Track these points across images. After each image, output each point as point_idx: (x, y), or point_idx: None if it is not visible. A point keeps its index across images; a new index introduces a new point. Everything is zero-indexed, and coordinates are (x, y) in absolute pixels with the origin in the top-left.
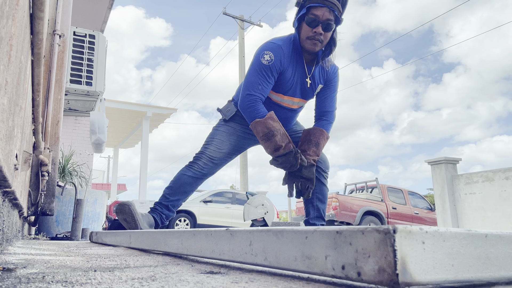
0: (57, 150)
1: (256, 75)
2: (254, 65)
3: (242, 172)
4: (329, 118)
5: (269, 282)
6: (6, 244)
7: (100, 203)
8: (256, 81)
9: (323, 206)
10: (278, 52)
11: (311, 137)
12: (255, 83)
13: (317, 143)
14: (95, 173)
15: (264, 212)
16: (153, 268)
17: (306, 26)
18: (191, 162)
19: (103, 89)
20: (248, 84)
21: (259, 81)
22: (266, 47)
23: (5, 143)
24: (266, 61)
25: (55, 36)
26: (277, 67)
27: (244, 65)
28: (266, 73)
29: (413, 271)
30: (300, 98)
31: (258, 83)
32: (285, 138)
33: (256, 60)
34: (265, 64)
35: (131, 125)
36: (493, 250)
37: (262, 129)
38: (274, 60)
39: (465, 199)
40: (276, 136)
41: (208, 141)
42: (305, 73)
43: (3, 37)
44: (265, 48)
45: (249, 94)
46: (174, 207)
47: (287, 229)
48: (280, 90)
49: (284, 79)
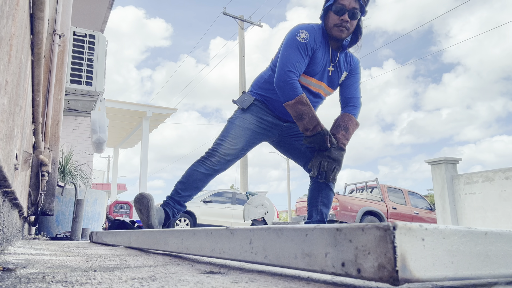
0: (57, 150)
1: (293, 52)
2: (290, 43)
3: (242, 172)
4: (356, 103)
5: (269, 282)
6: (6, 244)
7: (100, 203)
8: (294, 58)
9: (327, 211)
10: (312, 32)
11: (340, 122)
12: (293, 60)
13: (346, 127)
14: (95, 173)
15: (264, 212)
16: (153, 268)
17: (333, 14)
18: (203, 157)
19: (103, 89)
20: (286, 61)
21: (296, 58)
22: (300, 27)
23: (5, 143)
24: (302, 39)
25: (55, 36)
26: (312, 45)
27: (244, 65)
28: (303, 50)
29: (413, 268)
30: (326, 85)
31: (296, 60)
32: (313, 121)
33: (292, 38)
34: (301, 42)
35: (131, 125)
36: (492, 247)
37: (292, 112)
38: (309, 38)
39: (465, 199)
40: (305, 119)
41: (222, 137)
42: (329, 58)
43: (3, 37)
44: (299, 27)
45: (289, 71)
46: (185, 202)
47: (287, 227)
48: (310, 72)
49: (315, 60)
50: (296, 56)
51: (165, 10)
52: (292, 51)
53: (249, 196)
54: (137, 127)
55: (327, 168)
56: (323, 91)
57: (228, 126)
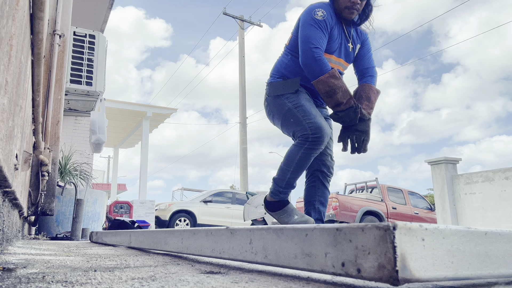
0: (57, 150)
1: (313, 30)
2: (309, 21)
3: (242, 172)
4: (372, 73)
5: (269, 282)
6: (6, 244)
7: (100, 203)
8: (317, 35)
9: (324, 209)
10: (327, 9)
11: (361, 92)
12: (316, 37)
13: (368, 97)
14: (95, 173)
15: (264, 212)
16: (153, 268)
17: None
18: (310, 142)
19: (103, 89)
20: (309, 39)
21: (319, 35)
22: (315, 6)
23: (5, 143)
24: (320, 16)
25: (55, 36)
26: (329, 22)
27: (244, 65)
28: (323, 27)
29: (413, 268)
30: (344, 61)
31: (319, 36)
32: (346, 95)
33: (309, 17)
34: (319, 19)
35: (131, 125)
36: (492, 247)
37: (324, 87)
38: (326, 16)
39: (465, 199)
40: (338, 93)
41: (307, 118)
42: (345, 35)
43: (3, 37)
44: (314, 6)
45: (315, 47)
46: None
47: (287, 227)
48: (329, 49)
49: (333, 37)
50: (317, 33)
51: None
52: (312, 29)
53: (249, 196)
54: (137, 127)
55: (356, 141)
56: (342, 67)
57: (299, 110)
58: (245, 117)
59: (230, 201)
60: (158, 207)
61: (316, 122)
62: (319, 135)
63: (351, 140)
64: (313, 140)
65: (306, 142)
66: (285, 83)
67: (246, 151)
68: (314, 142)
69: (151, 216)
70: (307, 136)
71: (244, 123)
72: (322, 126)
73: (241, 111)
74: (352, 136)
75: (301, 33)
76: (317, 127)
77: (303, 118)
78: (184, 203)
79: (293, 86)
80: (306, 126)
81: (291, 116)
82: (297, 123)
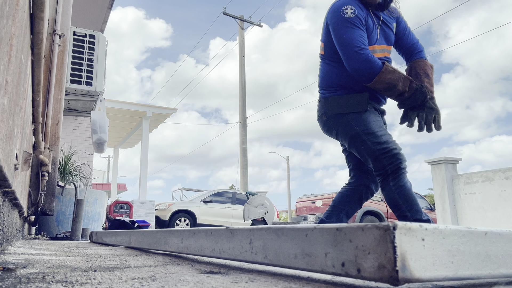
0: (57, 150)
1: (351, 31)
2: (342, 23)
3: (242, 172)
4: (420, 47)
5: (269, 282)
6: (6, 244)
7: (100, 203)
8: (356, 35)
9: (346, 221)
10: (353, 2)
11: (418, 70)
12: (357, 37)
13: (426, 73)
14: (95, 173)
15: (264, 212)
16: (153, 268)
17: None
18: (399, 171)
19: (103, 89)
20: (351, 42)
21: (357, 34)
22: (340, 3)
23: (5, 143)
24: (351, 14)
25: (55, 36)
26: (361, 15)
27: (244, 65)
28: (358, 23)
29: (413, 268)
30: (387, 45)
31: (358, 35)
32: (406, 82)
33: (340, 18)
34: (352, 17)
35: (131, 125)
36: (492, 247)
37: (382, 85)
38: (356, 10)
39: (465, 199)
40: (398, 85)
41: (377, 146)
42: (378, 19)
43: (3, 37)
44: (339, 5)
45: (361, 49)
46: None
47: (287, 227)
48: (370, 41)
49: (369, 28)
50: (356, 32)
51: (165, 11)
52: (349, 31)
53: (249, 196)
54: (137, 127)
55: (427, 118)
56: (387, 52)
57: (370, 138)
58: (245, 117)
59: (230, 201)
60: (158, 207)
61: (390, 150)
62: (397, 163)
63: (421, 118)
64: (393, 171)
65: (389, 178)
66: (349, 100)
67: (246, 151)
68: (395, 172)
69: (151, 216)
70: (386, 172)
71: (244, 123)
72: (397, 150)
73: (241, 111)
74: (422, 113)
75: (338, 38)
76: (392, 155)
77: (376, 149)
78: (184, 203)
79: (361, 105)
80: (382, 160)
81: (360, 143)
82: (369, 154)
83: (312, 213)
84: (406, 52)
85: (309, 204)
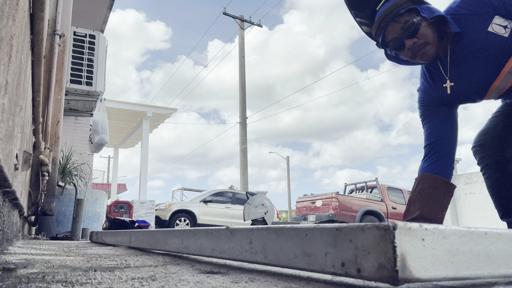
0: (57, 150)
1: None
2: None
3: (242, 172)
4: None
5: (269, 281)
6: (6, 244)
7: (100, 203)
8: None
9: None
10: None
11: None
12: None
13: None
14: (95, 173)
15: (264, 212)
16: (153, 268)
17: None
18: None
19: (103, 89)
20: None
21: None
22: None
23: (5, 143)
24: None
25: (55, 36)
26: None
27: (244, 65)
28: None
29: (413, 268)
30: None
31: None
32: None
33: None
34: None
35: (131, 125)
36: (492, 247)
37: None
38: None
39: (465, 199)
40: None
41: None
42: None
43: (4, 37)
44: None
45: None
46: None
47: (287, 227)
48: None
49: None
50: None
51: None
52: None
53: (249, 196)
54: (137, 127)
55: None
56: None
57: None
58: (245, 117)
59: (230, 201)
60: (158, 207)
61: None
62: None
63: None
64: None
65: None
66: None
67: (246, 151)
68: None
69: (151, 216)
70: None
71: (244, 123)
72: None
73: (241, 111)
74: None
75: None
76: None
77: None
78: (184, 203)
79: None
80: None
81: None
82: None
83: (312, 213)
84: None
85: (309, 204)
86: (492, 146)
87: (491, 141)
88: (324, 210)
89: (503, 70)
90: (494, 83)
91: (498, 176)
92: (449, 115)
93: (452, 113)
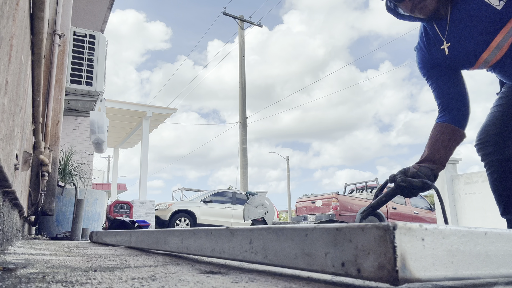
0: (57, 150)
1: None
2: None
3: (242, 172)
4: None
5: (269, 281)
6: (6, 244)
7: (100, 203)
8: None
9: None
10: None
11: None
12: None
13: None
14: (95, 173)
15: (264, 212)
16: (153, 268)
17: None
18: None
19: (103, 89)
20: None
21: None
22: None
23: (5, 143)
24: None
25: (55, 36)
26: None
27: (244, 65)
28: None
29: (413, 268)
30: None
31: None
32: None
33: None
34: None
35: (131, 125)
36: (492, 248)
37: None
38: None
39: (465, 199)
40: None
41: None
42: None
43: (4, 37)
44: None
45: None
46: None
47: (287, 227)
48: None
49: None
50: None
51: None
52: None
53: (249, 196)
54: (137, 127)
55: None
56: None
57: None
58: (245, 117)
59: (230, 201)
60: (158, 207)
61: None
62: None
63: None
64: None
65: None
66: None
67: (246, 151)
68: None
69: (151, 216)
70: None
71: (244, 123)
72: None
73: (241, 111)
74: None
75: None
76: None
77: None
78: (184, 203)
79: None
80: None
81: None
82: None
83: (312, 213)
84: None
85: (309, 204)
86: (493, 144)
87: (491, 138)
88: (324, 210)
89: (491, 45)
90: (482, 55)
91: (500, 173)
92: (452, 72)
93: (455, 70)
